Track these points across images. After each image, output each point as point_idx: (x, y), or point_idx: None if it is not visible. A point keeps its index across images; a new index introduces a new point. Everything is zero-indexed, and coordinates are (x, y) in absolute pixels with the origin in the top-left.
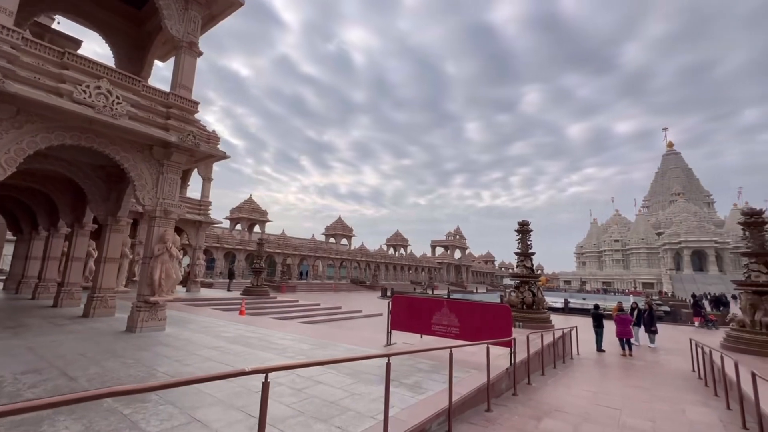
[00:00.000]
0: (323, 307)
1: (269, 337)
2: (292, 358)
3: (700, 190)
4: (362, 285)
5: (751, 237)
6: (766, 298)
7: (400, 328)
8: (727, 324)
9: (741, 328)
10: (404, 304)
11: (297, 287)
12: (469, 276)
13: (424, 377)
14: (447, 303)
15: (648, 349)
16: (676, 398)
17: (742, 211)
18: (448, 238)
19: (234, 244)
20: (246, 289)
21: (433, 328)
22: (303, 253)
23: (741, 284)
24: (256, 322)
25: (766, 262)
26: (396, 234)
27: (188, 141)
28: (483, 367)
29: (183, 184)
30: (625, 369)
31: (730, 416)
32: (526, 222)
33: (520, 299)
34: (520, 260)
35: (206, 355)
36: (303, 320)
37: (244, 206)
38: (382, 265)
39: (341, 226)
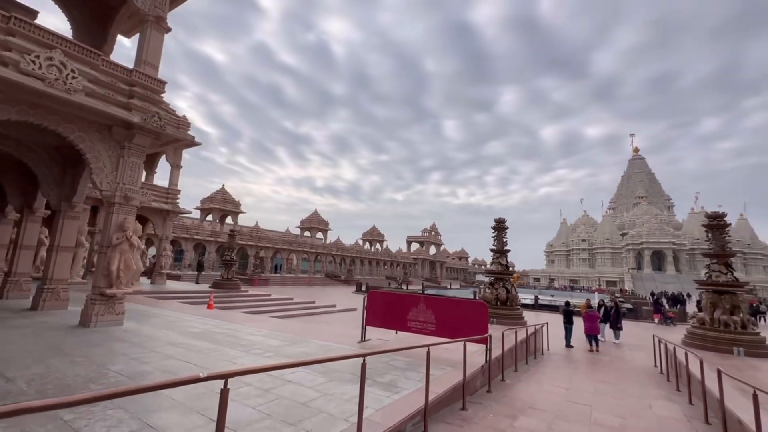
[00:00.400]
0: (296, 301)
1: (237, 333)
2: (260, 355)
3: (661, 194)
4: (337, 279)
5: (714, 239)
6: (725, 297)
7: (376, 324)
8: (685, 321)
9: (701, 326)
10: (380, 300)
11: (270, 281)
12: (443, 272)
13: (399, 375)
14: (424, 299)
15: (613, 345)
16: (642, 393)
17: (705, 214)
18: (423, 234)
19: (204, 236)
20: (216, 282)
21: (409, 324)
22: (277, 246)
23: (702, 284)
24: (224, 316)
25: (726, 263)
26: (372, 229)
27: (153, 122)
28: (458, 364)
29: (150, 170)
30: (593, 364)
31: (693, 411)
32: (502, 219)
33: (495, 296)
34: (496, 257)
35: (167, 353)
36: (275, 315)
37: (216, 196)
38: (358, 260)
39: (317, 220)
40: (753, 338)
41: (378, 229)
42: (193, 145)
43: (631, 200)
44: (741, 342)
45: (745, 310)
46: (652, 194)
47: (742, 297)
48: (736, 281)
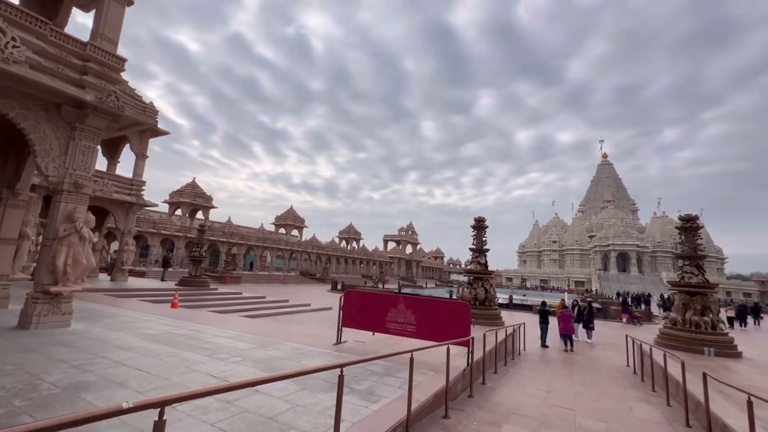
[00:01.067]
0: (269, 300)
1: (202, 335)
2: (225, 360)
3: (627, 199)
4: (312, 277)
5: (686, 241)
6: (697, 298)
7: (352, 325)
8: (649, 321)
9: (673, 326)
10: (357, 300)
11: (242, 278)
12: (419, 271)
13: (378, 381)
14: (403, 299)
15: (586, 344)
16: (620, 395)
17: (679, 217)
18: (400, 233)
19: (173, 231)
20: (183, 280)
21: (388, 325)
22: (250, 243)
23: (675, 285)
24: (190, 316)
25: (698, 264)
26: (349, 227)
27: (109, 102)
28: (440, 368)
29: (112, 159)
30: (570, 365)
31: (672, 413)
32: (482, 218)
33: (473, 295)
34: (475, 256)
35: (118, 359)
36: (245, 314)
37: (186, 190)
38: (334, 258)
39: (292, 217)
40: (722, 339)
41: (355, 227)
42: (160, 134)
43: (599, 204)
44: (712, 342)
45: (715, 311)
46: (619, 198)
47: (712, 298)
48: (707, 282)
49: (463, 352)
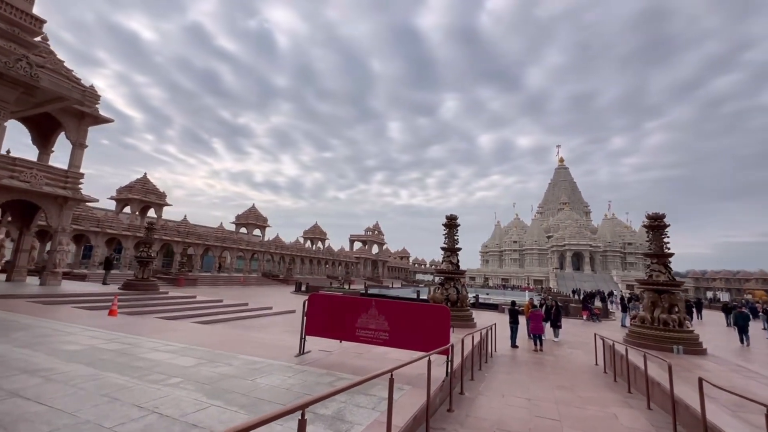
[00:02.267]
0: (226, 303)
1: (137, 349)
2: (160, 382)
3: (581, 201)
4: (275, 279)
5: (653, 239)
6: (664, 296)
7: (317, 333)
8: (607, 317)
9: (642, 324)
10: (323, 305)
11: (198, 281)
12: (385, 271)
13: (347, 402)
14: (376, 303)
15: (553, 343)
16: (600, 399)
17: (647, 215)
18: (366, 233)
19: (120, 230)
20: (127, 283)
21: (358, 333)
22: (208, 243)
23: (643, 283)
24: (130, 325)
25: (665, 263)
26: (314, 227)
27: (19, 69)
28: (417, 380)
29: (44, 149)
30: (543, 366)
31: (656, 419)
32: (453, 216)
33: (445, 296)
34: (447, 255)
35: (12, 387)
36: (198, 320)
37: (137, 185)
38: (298, 259)
39: (254, 215)
40: (689, 336)
41: (320, 227)
42: (102, 121)
43: (556, 206)
44: (680, 340)
45: (682, 308)
46: (574, 201)
47: (679, 296)
48: (674, 280)
49: (440, 360)
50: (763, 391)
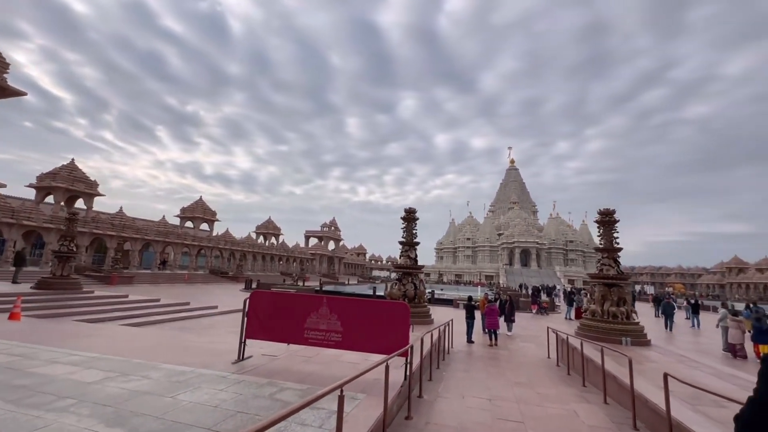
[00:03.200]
0: (164, 303)
1: (30, 361)
2: (42, 407)
3: (529, 201)
4: (224, 276)
5: (604, 234)
6: (614, 290)
7: (260, 336)
8: (554, 311)
9: (593, 317)
10: (267, 303)
11: (135, 278)
12: (341, 268)
13: (290, 420)
14: (327, 301)
15: (507, 337)
16: (558, 395)
17: (599, 211)
18: (323, 229)
19: (40, 222)
20: (42, 281)
21: (306, 334)
22: (148, 238)
23: (594, 277)
24: (36, 330)
25: (615, 257)
26: (268, 222)
27: None
28: (373, 387)
29: None
30: (499, 361)
31: (615, 413)
32: (412, 210)
33: (403, 292)
34: (405, 250)
35: None
36: (127, 322)
37: (62, 173)
38: (250, 255)
39: (201, 209)
40: (635, 328)
41: (274, 222)
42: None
43: (506, 205)
44: (628, 332)
45: (629, 301)
46: (523, 200)
47: (627, 289)
48: (623, 274)
49: (399, 362)
50: (712, 382)
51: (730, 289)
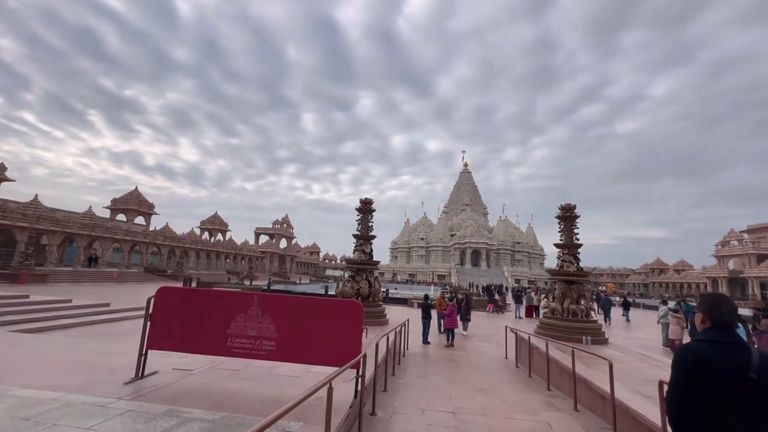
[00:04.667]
0: (77, 304)
1: None
2: None
3: (481, 204)
4: (161, 275)
5: (565, 230)
6: (574, 287)
7: (167, 346)
8: (506, 309)
9: (552, 316)
10: (178, 302)
11: (50, 276)
12: (293, 266)
13: None
14: (259, 300)
15: (462, 336)
16: (525, 403)
17: (560, 206)
18: (274, 226)
19: None
20: None
21: (230, 343)
22: (69, 231)
23: (554, 273)
24: None
25: (575, 254)
26: (214, 217)
27: None
28: (314, 411)
29: None
30: (458, 364)
31: (589, 424)
32: (369, 200)
33: (356, 290)
34: (359, 244)
35: None
36: (24, 327)
37: None
38: (192, 252)
39: (136, 200)
40: (594, 326)
41: (220, 217)
42: None
43: (459, 206)
44: (588, 330)
45: (588, 298)
46: (475, 203)
47: (585, 286)
48: (582, 271)
49: (349, 376)
50: None
51: (653, 288)
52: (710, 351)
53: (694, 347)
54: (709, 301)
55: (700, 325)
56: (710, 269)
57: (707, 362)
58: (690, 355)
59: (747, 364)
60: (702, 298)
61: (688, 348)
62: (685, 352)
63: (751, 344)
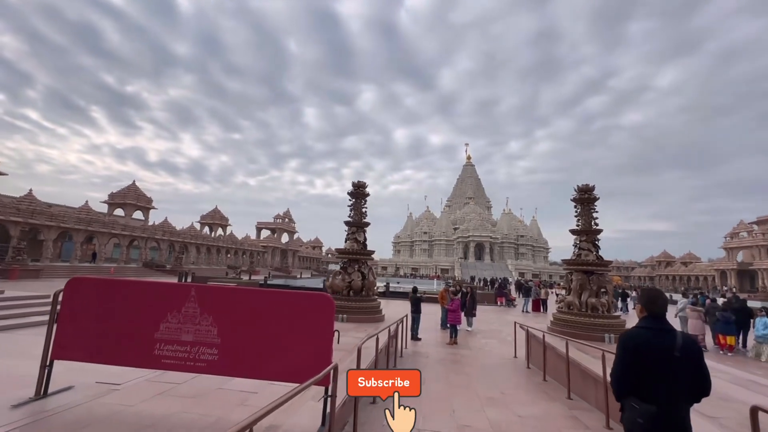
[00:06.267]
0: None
1: None
2: None
3: (484, 197)
4: (160, 270)
5: (582, 213)
6: (593, 278)
7: (77, 354)
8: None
9: (568, 311)
10: (94, 299)
11: (44, 272)
12: (295, 261)
13: None
14: (197, 293)
15: (466, 333)
16: (544, 416)
17: (577, 187)
18: (276, 221)
19: None
20: None
21: (159, 350)
22: (65, 225)
23: (571, 263)
24: None
25: (594, 240)
26: (214, 211)
27: None
28: None
29: None
30: (462, 366)
31: None
32: (362, 183)
33: (347, 283)
34: (351, 232)
35: None
36: None
37: None
38: (193, 247)
39: (134, 194)
40: (618, 323)
41: (221, 212)
42: None
43: (462, 200)
44: (610, 327)
45: (610, 291)
46: (478, 196)
47: (607, 277)
48: (603, 260)
49: (316, 393)
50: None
51: (659, 281)
52: (646, 335)
53: (635, 333)
54: (647, 296)
55: (639, 314)
56: (718, 261)
57: (643, 344)
58: (631, 338)
59: (673, 345)
60: (642, 293)
61: (629, 333)
62: (627, 337)
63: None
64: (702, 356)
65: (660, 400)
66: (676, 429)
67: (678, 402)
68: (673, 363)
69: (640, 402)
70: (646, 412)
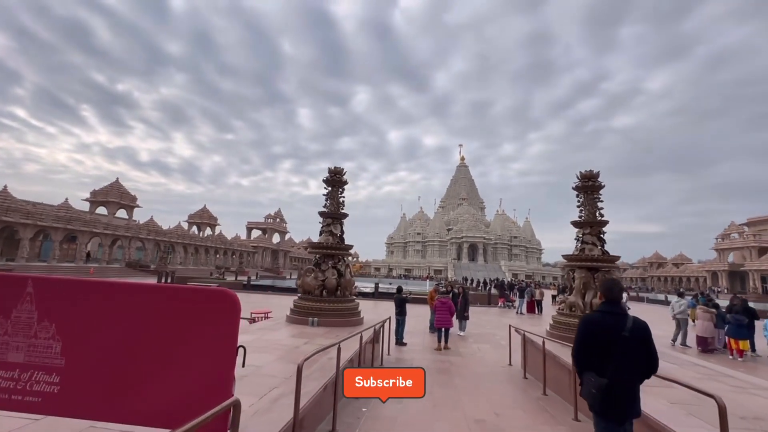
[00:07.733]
0: None
1: None
2: None
3: (478, 198)
4: (144, 270)
5: (586, 203)
6: (598, 275)
7: None
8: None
9: (570, 312)
10: None
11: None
12: (286, 262)
13: None
14: (36, 287)
15: (458, 337)
16: None
17: (580, 174)
18: (267, 221)
19: None
20: None
21: None
22: (42, 224)
23: (573, 259)
24: None
25: (599, 233)
26: (202, 210)
27: None
28: None
29: None
30: (451, 376)
31: None
32: (339, 170)
33: (320, 282)
34: (326, 224)
35: None
36: None
37: None
38: (179, 246)
39: (117, 192)
40: None
41: (209, 211)
42: None
43: (456, 201)
44: None
45: None
46: (472, 197)
47: (614, 274)
48: (609, 255)
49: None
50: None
51: (651, 282)
52: (601, 318)
53: (593, 316)
54: (605, 285)
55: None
56: (710, 263)
57: (598, 325)
58: (589, 321)
59: (623, 326)
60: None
61: (588, 317)
62: (586, 319)
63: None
64: (650, 337)
65: (611, 374)
66: (626, 400)
67: (627, 376)
68: (621, 342)
69: (596, 376)
70: (599, 384)
